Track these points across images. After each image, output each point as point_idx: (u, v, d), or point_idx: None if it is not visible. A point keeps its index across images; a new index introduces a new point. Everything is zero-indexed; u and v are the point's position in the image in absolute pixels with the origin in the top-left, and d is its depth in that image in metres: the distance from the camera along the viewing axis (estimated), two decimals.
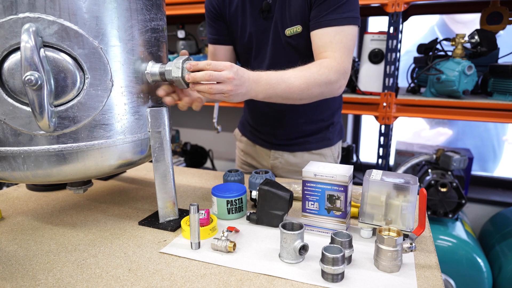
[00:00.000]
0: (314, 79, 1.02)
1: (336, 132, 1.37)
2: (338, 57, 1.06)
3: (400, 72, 2.08)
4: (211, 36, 1.31)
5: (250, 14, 1.19)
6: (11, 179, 0.81)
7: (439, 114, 1.76)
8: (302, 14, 1.11)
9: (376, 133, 1.91)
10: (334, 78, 1.05)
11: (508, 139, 2.50)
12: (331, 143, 1.36)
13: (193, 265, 0.76)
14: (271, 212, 0.90)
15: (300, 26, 1.13)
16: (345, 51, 1.08)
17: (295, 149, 1.34)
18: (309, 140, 1.33)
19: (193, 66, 0.85)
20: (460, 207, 1.74)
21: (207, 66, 0.85)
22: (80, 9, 0.73)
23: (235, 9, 1.22)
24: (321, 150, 1.35)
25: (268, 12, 1.16)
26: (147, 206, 1.07)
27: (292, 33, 1.14)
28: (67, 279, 0.72)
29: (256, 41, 1.22)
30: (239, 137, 1.51)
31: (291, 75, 1.00)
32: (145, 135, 0.88)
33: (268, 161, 1.40)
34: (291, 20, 1.13)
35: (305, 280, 0.70)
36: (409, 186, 0.78)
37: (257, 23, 1.19)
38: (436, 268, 0.74)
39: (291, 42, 1.16)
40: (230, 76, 0.86)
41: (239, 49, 1.29)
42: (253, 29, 1.20)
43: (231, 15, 1.23)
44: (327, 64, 1.05)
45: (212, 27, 1.29)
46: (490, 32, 1.65)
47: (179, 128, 3.10)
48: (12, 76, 0.72)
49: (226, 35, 1.29)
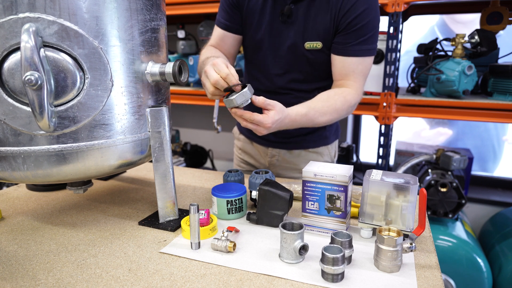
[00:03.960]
0: (337, 114, 1.12)
1: (333, 131, 1.39)
2: (358, 88, 1.17)
3: (400, 72, 2.08)
4: (223, 21, 1.27)
5: (270, 13, 1.18)
6: (11, 179, 0.81)
7: (439, 114, 1.76)
8: (326, 32, 1.13)
9: (376, 133, 1.91)
10: (352, 110, 1.18)
11: (508, 139, 2.50)
12: (328, 142, 1.38)
13: (193, 265, 0.76)
14: (271, 212, 0.90)
15: (320, 43, 1.14)
16: (364, 80, 1.19)
17: (292, 147, 1.36)
18: (306, 139, 1.34)
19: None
20: (460, 207, 1.74)
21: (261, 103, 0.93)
22: (80, 9, 0.73)
23: (255, 3, 1.19)
24: (318, 149, 1.37)
25: (288, 17, 1.15)
26: (147, 206, 1.07)
27: (311, 48, 1.16)
28: (67, 279, 0.72)
29: (270, 41, 1.21)
30: (237, 135, 1.52)
31: (319, 113, 1.07)
32: (145, 135, 0.88)
33: (266, 158, 1.40)
34: (313, 35, 1.14)
35: (305, 280, 0.70)
36: (409, 186, 0.78)
37: (274, 24, 1.18)
38: (436, 268, 0.74)
39: (308, 55, 1.17)
40: (268, 125, 0.93)
41: (249, 43, 1.27)
42: (269, 29, 1.19)
43: (249, 8, 1.21)
44: (351, 98, 1.14)
45: (226, 12, 1.25)
46: (490, 32, 1.65)
47: (179, 128, 3.10)
48: (12, 76, 0.72)
49: (238, 25, 1.25)
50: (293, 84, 1.24)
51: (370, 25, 1.10)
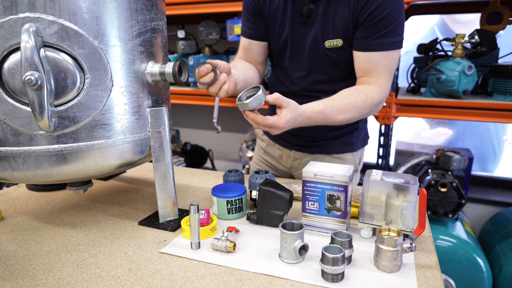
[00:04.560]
0: (358, 113, 1.06)
1: (360, 137, 1.33)
2: (382, 84, 1.09)
3: (400, 72, 2.08)
4: (247, 30, 1.26)
5: (290, 16, 1.16)
6: (11, 179, 0.81)
7: (439, 114, 1.76)
8: (345, 28, 1.09)
9: (376, 133, 1.92)
10: (375, 109, 1.11)
11: (508, 139, 2.50)
12: (354, 149, 1.32)
13: (193, 265, 0.76)
14: (271, 212, 0.90)
15: (341, 40, 1.10)
16: (389, 76, 1.11)
17: (316, 151, 1.31)
18: (331, 143, 1.30)
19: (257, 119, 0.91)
20: (460, 207, 1.74)
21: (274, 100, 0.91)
22: (80, 9, 0.73)
23: (276, 8, 1.18)
24: (343, 155, 1.31)
25: (307, 17, 1.13)
26: (147, 206, 1.07)
27: (332, 46, 1.12)
28: (67, 279, 0.72)
29: (292, 44, 1.19)
30: (260, 135, 1.49)
31: (337, 111, 1.03)
32: (145, 135, 0.88)
33: (288, 161, 1.37)
34: (333, 33, 1.11)
35: (305, 280, 0.70)
36: (409, 186, 0.78)
37: (296, 26, 1.16)
38: (436, 268, 0.74)
39: (330, 54, 1.14)
40: (281, 125, 0.91)
41: (274, 48, 1.26)
42: (291, 32, 1.17)
43: (270, 13, 1.20)
44: (373, 96, 1.07)
45: (249, 21, 1.25)
46: (490, 32, 1.65)
47: (179, 128, 3.10)
48: (12, 76, 0.72)
49: (262, 31, 1.25)
50: (317, 85, 1.21)
51: (392, 16, 1.03)
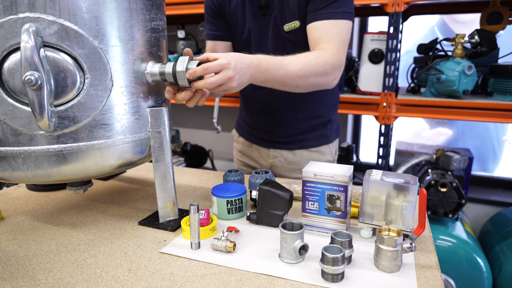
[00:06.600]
0: (311, 67, 1.03)
1: (334, 129, 1.40)
2: (334, 50, 1.08)
3: (400, 72, 2.08)
4: (211, 32, 1.32)
5: (249, 11, 1.21)
6: (11, 179, 0.81)
7: (439, 114, 1.76)
8: (300, 9, 1.13)
9: (376, 133, 1.91)
10: (330, 70, 1.07)
11: (508, 139, 2.50)
12: (329, 141, 1.38)
13: (193, 265, 0.76)
14: (271, 212, 0.90)
15: (298, 21, 1.15)
16: (341, 45, 1.10)
17: (294, 147, 1.35)
18: (307, 137, 1.34)
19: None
20: (460, 207, 1.74)
21: (204, 58, 0.87)
22: (80, 9, 0.73)
23: (235, 6, 1.24)
24: (320, 148, 1.37)
25: (266, 8, 1.18)
26: (147, 206, 1.07)
27: (290, 29, 1.17)
28: (67, 279, 0.72)
29: (255, 37, 1.24)
30: (236, 138, 1.52)
31: (290, 61, 1.01)
32: (145, 135, 0.88)
33: (267, 160, 1.40)
34: (290, 16, 1.15)
35: (305, 280, 0.70)
36: (409, 186, 0.78)
37: (256, 19, 1.21)
38: (436, 268, 0.74)
39: (290, 37, 1.18)
40: (225, 63, 0.84)
41: (238, 44, 1.30)
42: (252, 25, 1.22)
43: (231, 12, 1.25)
44: (324, 55, 1.06)
45: (211, 23, 1.30)
46: (490, 32, 1.65)
47: (179, 128, 3.10)
48: (12, 76, 0.72)
49: (225, 31, 1.30)
50: None
51: None
